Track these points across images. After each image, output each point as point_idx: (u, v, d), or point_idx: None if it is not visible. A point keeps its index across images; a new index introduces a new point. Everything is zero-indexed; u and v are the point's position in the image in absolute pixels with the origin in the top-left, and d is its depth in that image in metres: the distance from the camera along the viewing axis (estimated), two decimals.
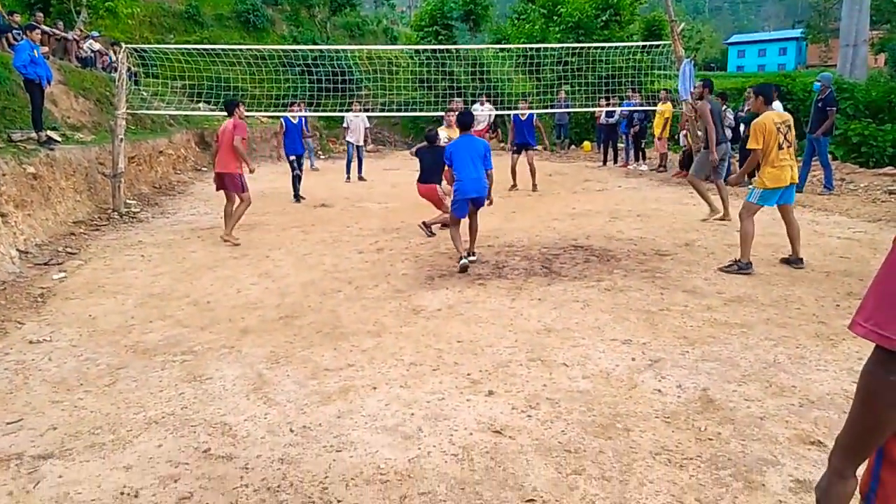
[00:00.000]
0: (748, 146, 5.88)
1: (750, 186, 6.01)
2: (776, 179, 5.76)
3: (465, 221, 6.59)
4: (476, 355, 4.12)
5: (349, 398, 3.55)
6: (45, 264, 6.71)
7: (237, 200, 8.00)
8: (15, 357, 4.27)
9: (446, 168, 6.85)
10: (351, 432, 3.16)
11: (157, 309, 5.28)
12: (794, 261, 6.05)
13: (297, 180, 11.13)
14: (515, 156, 11.89)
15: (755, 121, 5.96)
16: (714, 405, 3.33)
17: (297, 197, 11.11)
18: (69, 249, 7.36)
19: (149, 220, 9.52)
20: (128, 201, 10.09)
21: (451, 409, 3.37)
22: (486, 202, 6.66)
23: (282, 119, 11.54)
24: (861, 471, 1.26)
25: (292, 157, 11.20)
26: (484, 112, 15.10)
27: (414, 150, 8.90)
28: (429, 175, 8.29)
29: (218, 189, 8.14)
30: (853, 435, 1.23)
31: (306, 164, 16.39)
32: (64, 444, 3.13)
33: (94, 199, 9.63)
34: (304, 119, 11.94)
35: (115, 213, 9.45)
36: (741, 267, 5.85)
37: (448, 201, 7.80)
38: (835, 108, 10.27)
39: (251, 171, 8.10)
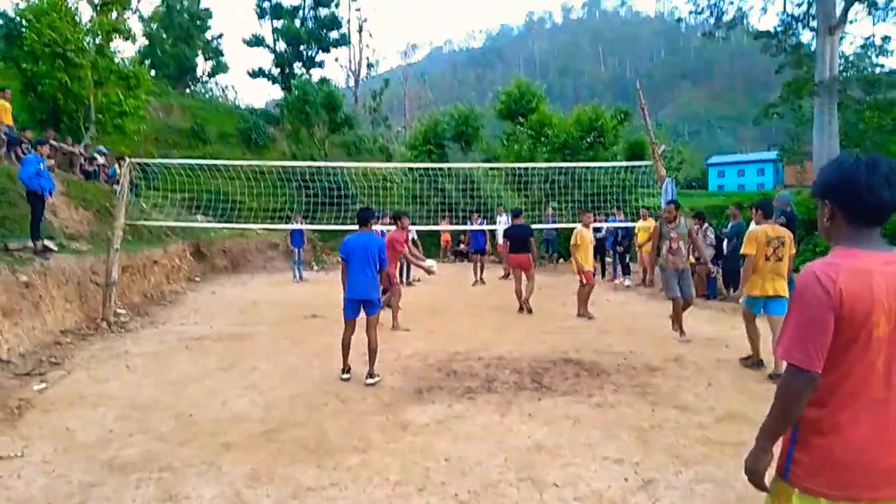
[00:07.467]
0: (742, 251, 6.41)
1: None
2: (756, 287, 6.20)
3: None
4: (464, 474, 4.00)
5: None
6: (27, 374, 6.58)
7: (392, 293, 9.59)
8: None
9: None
10: None
11: (139, 422, 5.14)
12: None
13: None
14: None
15: (750, 229, 6.59)
16: None
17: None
18: (53, 359, 7.24)
19: (137, 329, 9.45)
20: (118, 310, 10.06)
21: None
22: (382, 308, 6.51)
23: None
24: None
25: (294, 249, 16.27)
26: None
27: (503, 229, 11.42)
28: (519, 247, 10.44)
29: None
30: (772, 421, 1.88)
31: (289, 275, 16.98)
32: None
33: (85, 308, 9.61)
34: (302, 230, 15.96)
35: (104, 322, 9.40)
36: (753, 363, 6.50)
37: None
38: (791, 223, 9.93)
39: (430, 274, 9.74)
